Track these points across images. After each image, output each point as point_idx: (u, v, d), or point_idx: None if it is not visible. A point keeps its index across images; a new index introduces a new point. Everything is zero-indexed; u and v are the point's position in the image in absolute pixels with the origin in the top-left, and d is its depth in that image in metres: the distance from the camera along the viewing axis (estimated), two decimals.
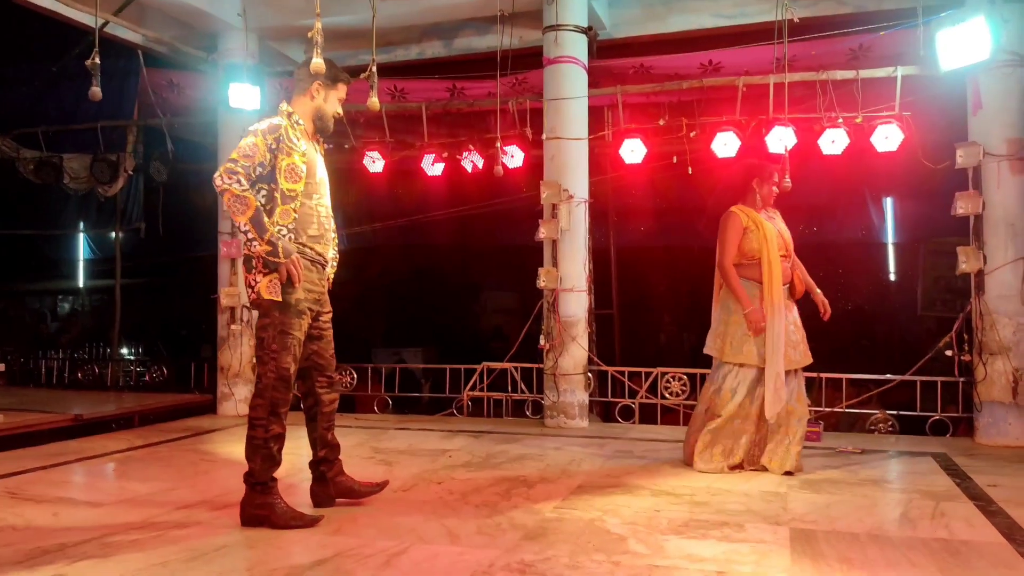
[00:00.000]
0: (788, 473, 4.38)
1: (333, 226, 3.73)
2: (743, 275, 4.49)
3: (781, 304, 4.42)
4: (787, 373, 4.41)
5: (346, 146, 7.38)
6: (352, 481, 3.77)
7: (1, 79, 8.25)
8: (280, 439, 3.45)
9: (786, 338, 4.42)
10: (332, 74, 3.60)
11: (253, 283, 3.44)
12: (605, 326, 7.86)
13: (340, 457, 3.79)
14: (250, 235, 3.31)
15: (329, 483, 3.71)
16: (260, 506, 3.39)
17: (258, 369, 3.47)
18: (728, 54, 6.63)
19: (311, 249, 3.55)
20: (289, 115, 3.57)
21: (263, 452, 3.39)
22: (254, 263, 3.41)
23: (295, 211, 3.46)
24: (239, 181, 3.31)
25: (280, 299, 3.39)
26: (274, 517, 3.37)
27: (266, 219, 3.34)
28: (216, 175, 3.35)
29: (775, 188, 4.67)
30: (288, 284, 3.41)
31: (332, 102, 3.66)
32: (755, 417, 4.46)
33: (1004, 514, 3.61)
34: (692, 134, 6.52)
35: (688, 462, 4.61)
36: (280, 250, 3.35)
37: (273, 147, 3.42)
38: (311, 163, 3.55)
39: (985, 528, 3.39)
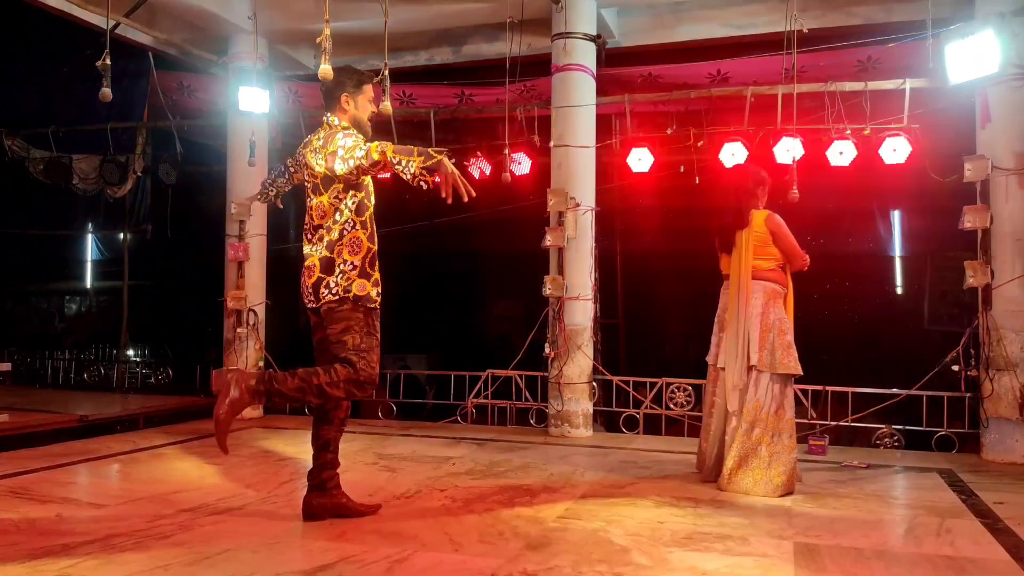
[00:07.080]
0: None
1: None
2: (767, 278, 4.37)
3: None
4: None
5: None
6: (348, 499, 3.65)
7: (12, 79, 8.28)
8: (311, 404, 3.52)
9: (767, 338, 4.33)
10: (356, 79, 3.52)
11: (333, 284, 3.37)
12: (610, 335, 7.85)
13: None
14: (399, 162, 3.12)
15: (328, 494, 3.59)
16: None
17: (345, 370, 3.33)
18: (736, 64, 6.64)
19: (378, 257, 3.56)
20: (345, 128, 3.47)
21: (303, 388, 3.29)
22: (342, 266, 3.37)
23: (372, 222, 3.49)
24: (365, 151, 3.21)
25: (366, 296, 3.39)
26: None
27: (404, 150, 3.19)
28: (353, 162, 3.21)
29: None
30: (372, 285, 3.43)
31: (363, 107, 3.55)
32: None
33: (1010, 532, 3.59)
34: (700, 143, 6.53)
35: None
36: (433, 152, 3.15)
37: None
38: None
39: (991, 546, 3.37)
